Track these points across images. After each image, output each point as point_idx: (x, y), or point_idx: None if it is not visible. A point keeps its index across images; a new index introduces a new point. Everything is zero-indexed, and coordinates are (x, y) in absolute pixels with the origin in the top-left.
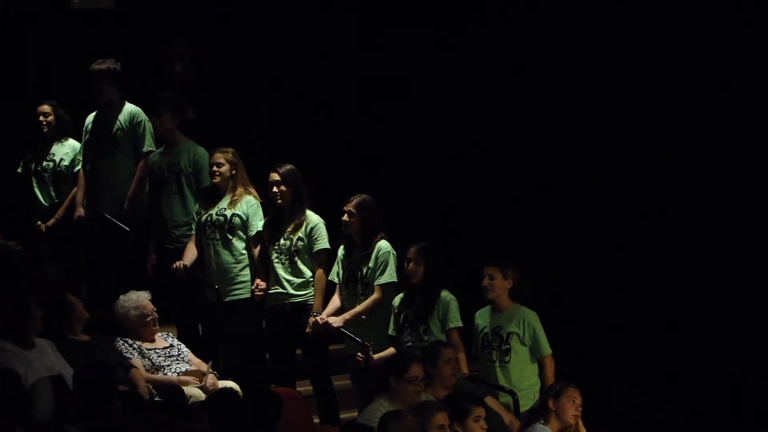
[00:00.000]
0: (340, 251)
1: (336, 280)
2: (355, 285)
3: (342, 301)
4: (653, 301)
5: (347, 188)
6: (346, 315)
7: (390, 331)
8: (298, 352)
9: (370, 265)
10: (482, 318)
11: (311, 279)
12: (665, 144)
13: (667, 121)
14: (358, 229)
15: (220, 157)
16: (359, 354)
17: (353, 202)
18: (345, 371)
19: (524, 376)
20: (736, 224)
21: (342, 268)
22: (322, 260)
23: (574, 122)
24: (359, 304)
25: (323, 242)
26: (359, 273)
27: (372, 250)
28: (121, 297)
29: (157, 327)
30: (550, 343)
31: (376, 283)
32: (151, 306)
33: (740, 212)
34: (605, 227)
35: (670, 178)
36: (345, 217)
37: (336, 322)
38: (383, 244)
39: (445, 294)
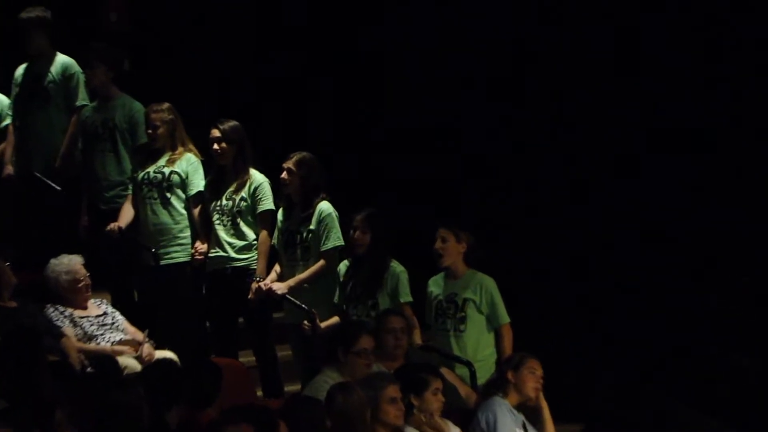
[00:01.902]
0: (279, 214)
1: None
2: (293, 249)
3: (281, 266)
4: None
5: (295, 148)
6: (291, 281)
7: (335, 299)
8: (240, 320)
9: (311, 227)
10: (435, 285)
11: (254, 242)
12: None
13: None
14: (298, 188)
15: (155, 118)
16: (305, 322)
17: (293, 159)
18: (287, 341)
19: (481, 345)
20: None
21: (280, 231)
22: (266, 222)
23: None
24: (298, 270)
25: (268, 203)
26: (298, 236)
27: (312, 212)
28: (52, 261)
29: (90, 293)
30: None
31: (322, 248)
32: (84, 271)
33: (738, 210)
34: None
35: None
36: (284, 175)
37: (280, 288)
38: (324, 206)
39: (395, 265)
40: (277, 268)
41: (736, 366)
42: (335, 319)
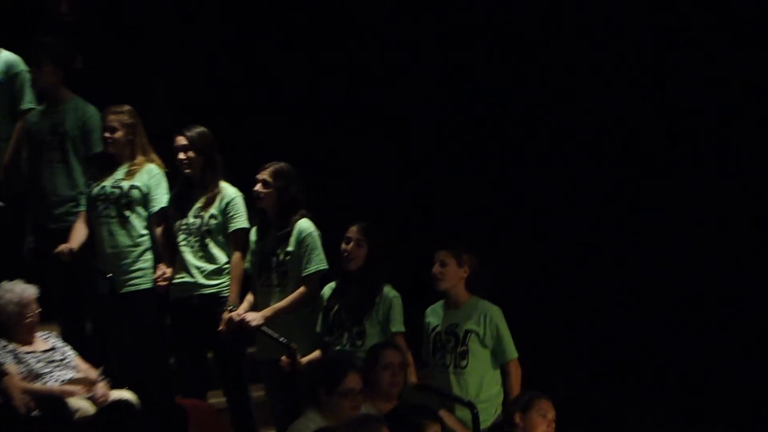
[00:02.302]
0: (252, 233)
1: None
2: (269, 274)
3: (254, 294)
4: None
5: (270, 157)
6: (267, 311)
7: (317, 328)
8: (210, 355)
9: (289, 249)
10: (434, 315)
11: (226, 265)
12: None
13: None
14: (274, 203)
15: (113, 120)
16: (283, 358)
17: (268, 169)
18: (261, 380)
19: (485, 384)
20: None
21: (253, 253)
22: (240, 242)
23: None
24: (275, 298)
25: (241, 220)
26: (274, 259)
27: (290, 231)
28: (4, 284)
29: (37, 328)
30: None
31: (303, 273)
32: (36, 306)
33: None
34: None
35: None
36: (258, 187)
37: (255, 319)
38: (305, 224)
39: (389, 290)
40: (249, 296)
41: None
42: (317, 353)
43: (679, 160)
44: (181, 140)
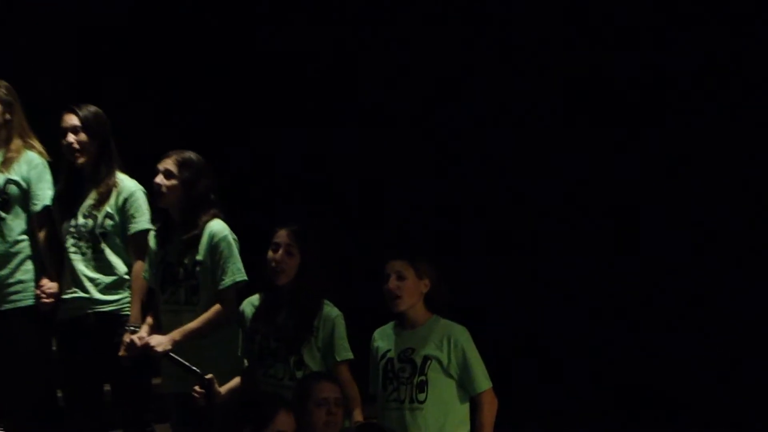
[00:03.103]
0: (151, 238)
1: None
2: (175, 289)
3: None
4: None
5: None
6: (176, 334)
7: (239, 352)
8: (107, 388)
9: (199, 257)
10: (383, 338)
11: (127, 276)
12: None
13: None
14: (179, 199)
15: None
16: (196, 388)
17: (172, 158)
18: (169, 418)
19: (449, 423)
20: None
21: (153, 263)
22: (142, 248)
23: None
24: (183, 318)
25: (143, 220)
26: (181, 270)
27: (199, 234)
28: None
29: None
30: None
31: (220, 286)
32: None
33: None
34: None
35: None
36: (159, 179)
37: (162, 343)
38: (217, 226)
39: (329, 309)
40: (149, 318)
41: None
42: (237, 381)
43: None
44: (72, 119)
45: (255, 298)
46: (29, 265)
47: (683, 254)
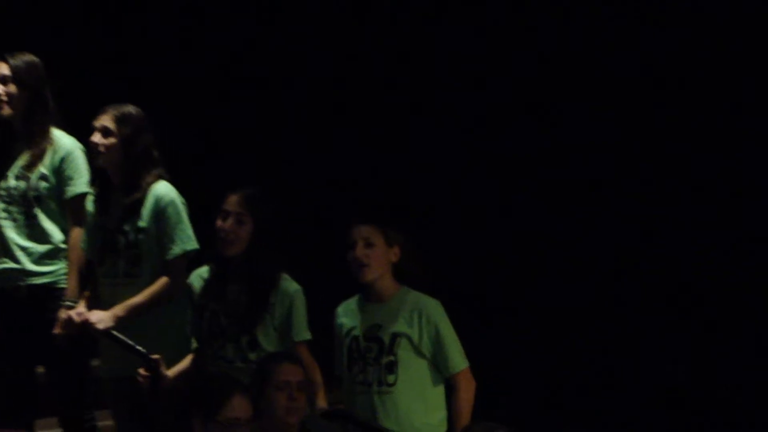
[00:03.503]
0: (89, 203)
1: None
2: (114, 259)
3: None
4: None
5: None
6: (119, 309)
7: (188, 332)
8: (41, 370)
9: (142, 224)
10: (348, 314)
11: (63, 245)
12: None
13: None
14: (119, 159)
15: None
16: (141, 371)
17: (109, 113)
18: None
19: (422, 407)
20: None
21: (91, 230)
22: (81, 213)
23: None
24: (125, 292)
25: (81, 183)
26: (122, 239)
27: (142, 198)
28: None
29: None
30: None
31: (168, 256)
32: None
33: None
34: None
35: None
36: (96, 138)
37: (103, 320)
38: (163, 189)
39: (288, 283)
40: (87, 293)
41: None
42: (187, 363)
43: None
44: (1, 68)
45: (204, 270)
46: None
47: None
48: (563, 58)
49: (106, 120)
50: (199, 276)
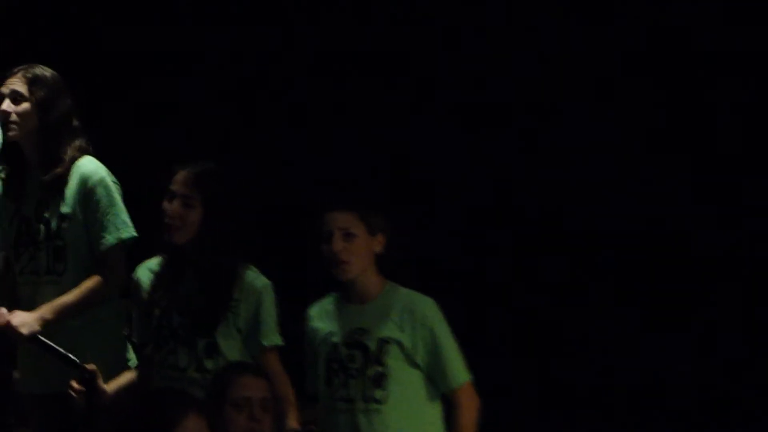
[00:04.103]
0: None
1: None
2: (33, 252)
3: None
4: None
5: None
6: (46, 311)
7: (135, 336)
8: None
9: (65, 209)
10: (323, 317)
11: None
12: None
13: None
14: (34, 129)
15: None
16: (73, 385)
17: (19, 73)
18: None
19: (416, 428)
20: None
21: (4, 217)
22: None
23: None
24: (48, 291)
25: None
26: (41, 228)
27: (63, 173)
28: None
29: None
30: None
31: (101, 247)
32: None
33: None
34: None
35: None
36: (6, 105)
37: (28, 323)
38: (89, 166)
39: (254, 276)
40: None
41: None
42: (129, 376)
43: None
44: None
45: (154, 263)
46: None
47: None
48: (563, 58)
49: (16, 83)
50: (147, 269)
